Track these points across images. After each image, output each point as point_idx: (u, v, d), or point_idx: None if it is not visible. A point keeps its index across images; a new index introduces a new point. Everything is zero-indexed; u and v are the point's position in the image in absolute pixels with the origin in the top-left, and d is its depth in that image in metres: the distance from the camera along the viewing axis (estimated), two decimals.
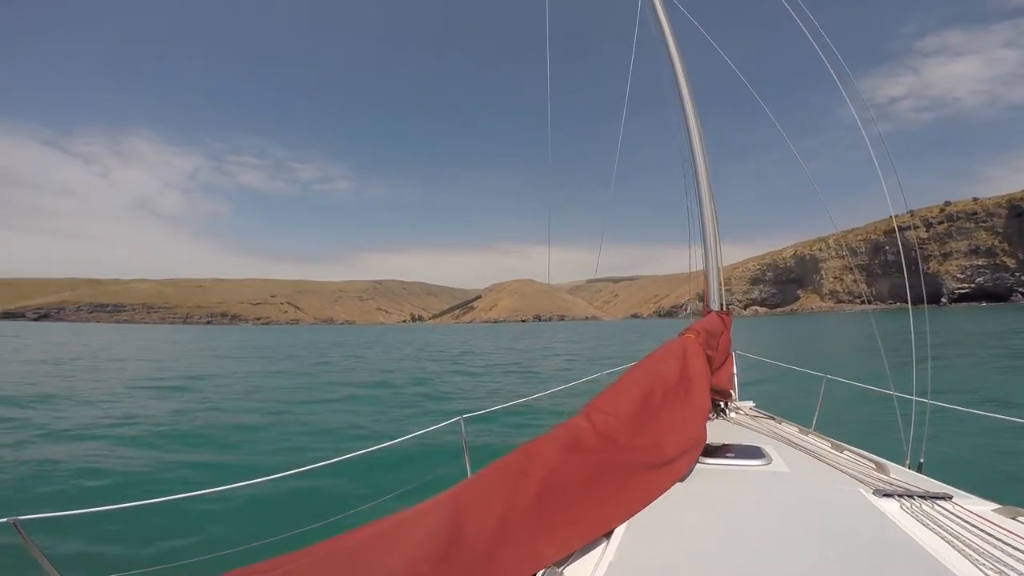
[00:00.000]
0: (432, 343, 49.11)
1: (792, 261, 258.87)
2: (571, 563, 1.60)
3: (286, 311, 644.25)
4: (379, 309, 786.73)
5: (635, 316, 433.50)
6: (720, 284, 4.38)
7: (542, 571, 1.52)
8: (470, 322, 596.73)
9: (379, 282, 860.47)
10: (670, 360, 2.92)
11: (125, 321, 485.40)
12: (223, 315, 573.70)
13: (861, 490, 2.02)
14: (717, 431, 3.06)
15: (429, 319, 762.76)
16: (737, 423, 3.39)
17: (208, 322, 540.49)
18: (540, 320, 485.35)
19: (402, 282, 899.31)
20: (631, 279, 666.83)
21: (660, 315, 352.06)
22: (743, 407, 3.82)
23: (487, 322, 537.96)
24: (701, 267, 4.64)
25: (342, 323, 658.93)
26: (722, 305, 4.39)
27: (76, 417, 11.23)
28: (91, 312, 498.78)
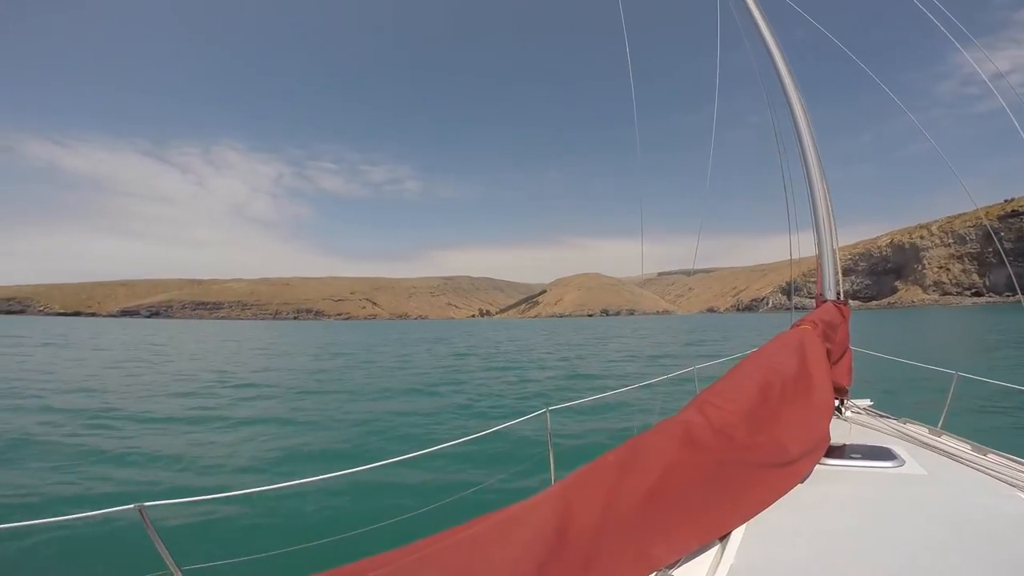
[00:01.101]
0: (516, 338, 49.91)
1: (889, 250, 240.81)
2: (683, 565, 1.55)
3: (364, 307, 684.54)
4: (449, 304, 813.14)
5: (711, 311, 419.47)
6: (837, 270, 4.15)
7: (653, 574, 1.48)
8: (535, 316, 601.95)
9: (449, 278, 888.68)
10: (786, 353, 2.80)
11: (222, 317, 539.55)
12: (308, 311, 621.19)
13: (1022, 495, 1.86)
14: (835, 431, 2.82)
15: (496, 314, 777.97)
16: (857, 423, 3.23)
17: (295, 317, 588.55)
18: (608, 314, 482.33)
19: (470, 278, 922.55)
20: (706, 271, 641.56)
21: (739, 309, 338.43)
22: (860, 405, 3.68)
23: (552, 316, 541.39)
24: (791, 256, 4.56)
25: (416, 318, 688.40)
26: (839, 294, 4.16)
27: (218, 407, 12.09)
28: (194, 310, 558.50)
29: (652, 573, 1.47)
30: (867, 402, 3.76)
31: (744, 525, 1.70)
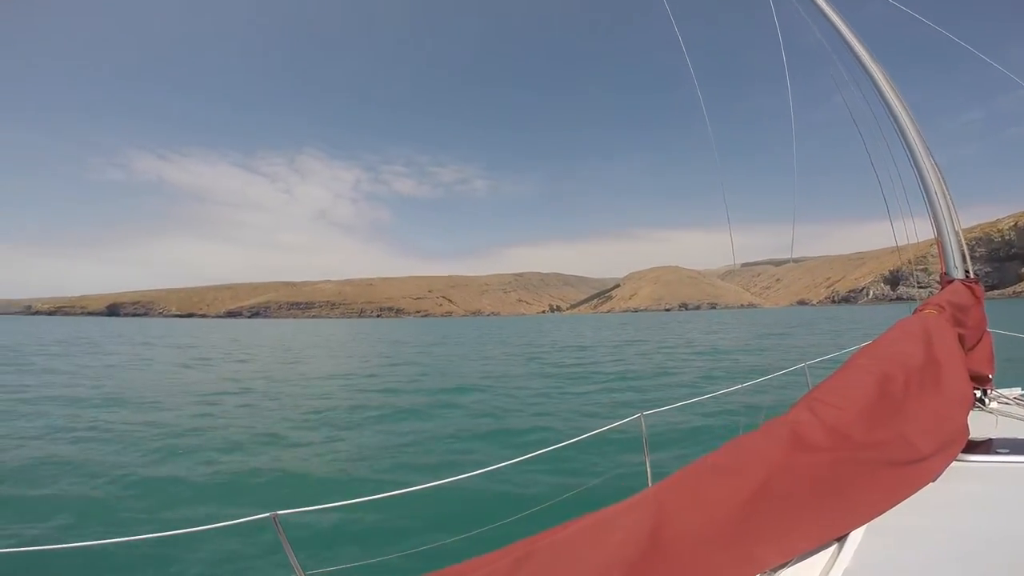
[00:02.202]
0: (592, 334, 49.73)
1: (1013, 233, 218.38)
2: (792, 567, 1.50)
3: (441, 304, 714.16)
4: (520, 301, 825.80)
5: (802, 303, 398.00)
6: (962, 246, 3.82)
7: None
8: (608, 312, 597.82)
9: (519, 275, 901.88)
10: (909, 341, 2.59)
11: (314, 316, 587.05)
12: (390, 309, 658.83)
13: None
14: (977, 424, 2.63)
15: (567, 309, 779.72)
16: (1005, 414, 2.91)
17: (378, 315, 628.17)
18: (686, 308, 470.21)
19: (540, 274, 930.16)
20: (796, 261, 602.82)
21: (834, 301, 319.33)
22: (1007, 395, 3.28)
23: (626, 311, 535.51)
24: (897, 242, 4.30)
25: (488, 314, 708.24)
26: (968, 272, 3.80)
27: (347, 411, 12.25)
28: (289, 310, 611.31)
29: (757, 575, 1.43)
30: (1017, 391, 3.41)
31: (864, 527, 1.62)
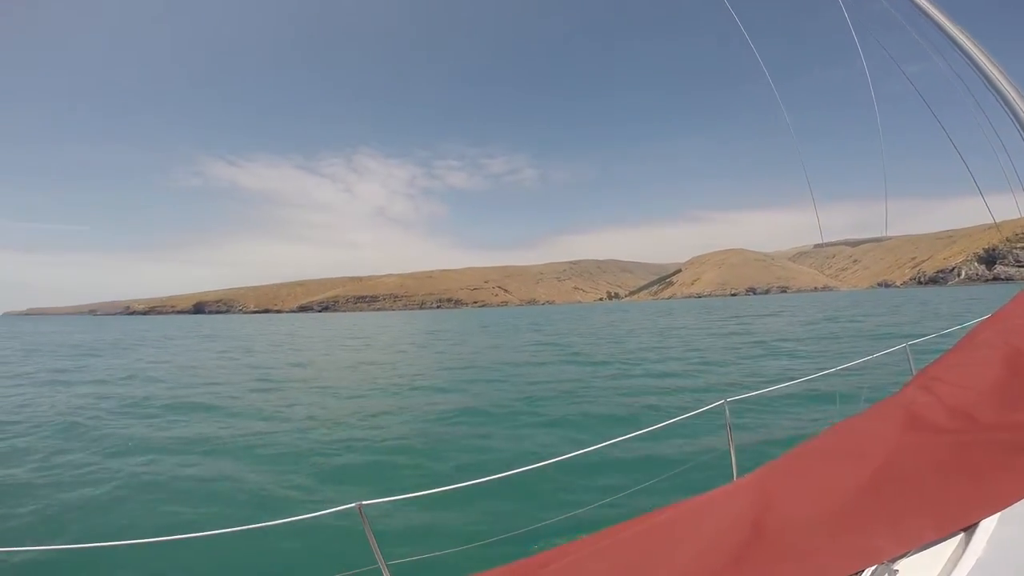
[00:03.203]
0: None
1: None
2: (912, 557, 1.40)
3: (497, 294, 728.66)
4: (576, 288, 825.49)
5: (884, 284, 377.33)
6: None
7: (872, 568, 1.35)
8: (669, 298, 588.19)
9: (575, 262, 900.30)
10: None
11: (379, 309, 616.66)
12: (448, 300, 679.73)
13: None
14: None
15: (625, 296, 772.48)
16: None
17: (437, 306, 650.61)
18: (754, 293, 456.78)
19: (596, 261, 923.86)
20: (876, 240, 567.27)
21: (920, 282, 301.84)
22: None
23: (689, 297, 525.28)
24: (986, 219, 3.89)
25: (544, 303, 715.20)
26: None
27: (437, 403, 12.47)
28: (355, 303, 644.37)
29: (872, 567, 1.35)
30: None
31: (997, 516, 1.46)
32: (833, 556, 1.34)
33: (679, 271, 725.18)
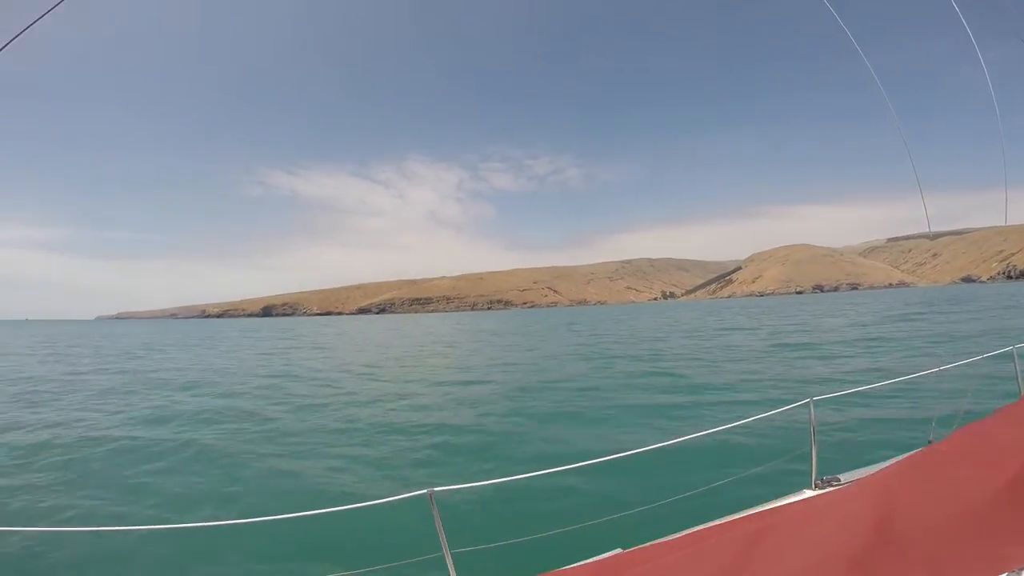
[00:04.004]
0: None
1: None
2: None
3: (546, 295, 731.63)
4: (629, 288, 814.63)
5: (968, 280, 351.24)
6: None
7: (1004, 574, 1.30)
8: (728, 296, 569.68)
9: (627, 262, 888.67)
10: None
11: (432, 311, 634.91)
12: (499, 302, 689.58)
13: None
14: None
15: (681, 296, 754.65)
16: None
17: (488, 308, 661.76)
18: (821, 291, 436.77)
19: (649, 260, 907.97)
20: (957, 233, 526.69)
21: (1010, 277, 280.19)
22: None
23: (750, 295, 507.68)
24: None
25: (595, 303, 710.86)
26: None
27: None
28: (411, 305, 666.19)
29: (1003, 574, 1.29)
30: None
31: None
32: (964, 563, 1.29)
33: (739, 268, 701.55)
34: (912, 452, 1.53)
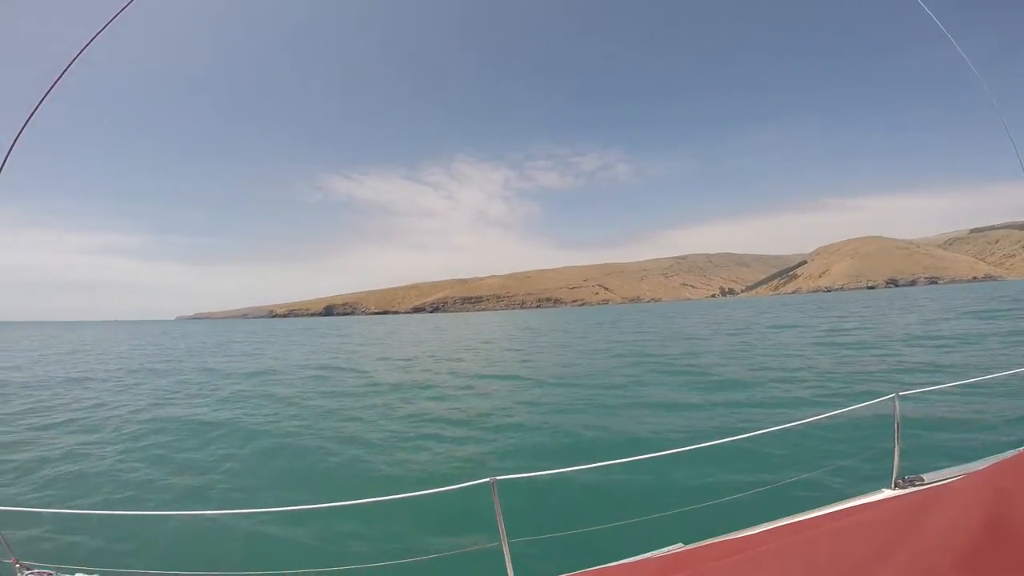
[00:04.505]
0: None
1: None
2: None
3: (597, 292, 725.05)
4: (684, 284, 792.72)
5: None
6: None
7: None
8: (793, 292, 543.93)
9: (682, 257, 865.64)
10: None
11: (483, 309, 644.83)
12: (547, 299, 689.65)
13: None
14: None
15: (741, 292, 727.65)
16: None
17: (537, 306, 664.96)
18: (896, 284, 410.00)
19: (707, 255, 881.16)
20: None
21: None
22: None
23: (816, 291, 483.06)
24: None
25: (648, 301, 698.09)
26: None
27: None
28: (462, 304, 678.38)
29: None
30: None
31: None
32: None
33: (803, 263, 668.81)
34: (1022, 449, 1.39)
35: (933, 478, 2.52)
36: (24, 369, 23.20)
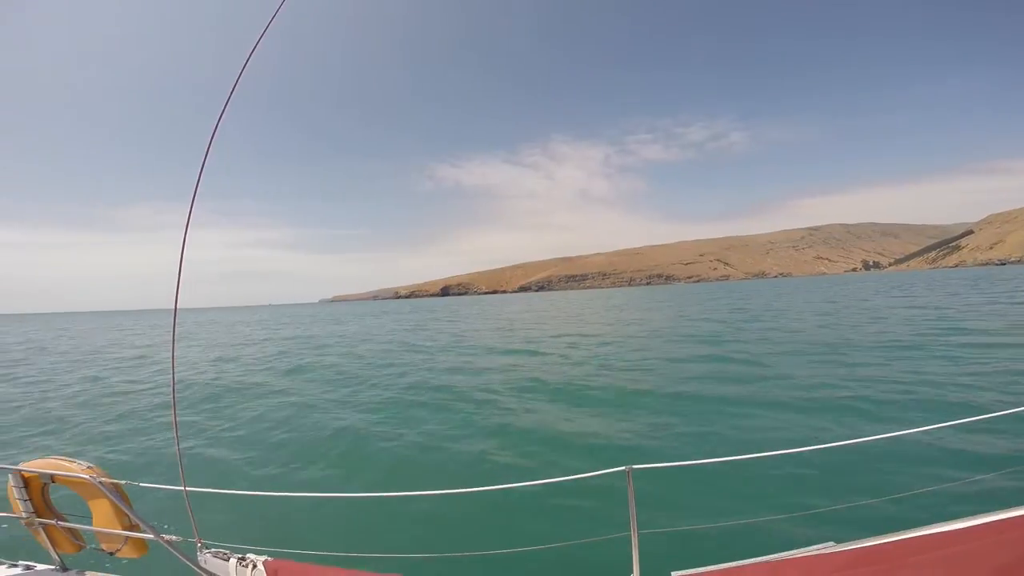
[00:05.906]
0: None
1: None
2: None
3: (715, 268, 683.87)
4: (819, 258, 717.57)
5: None
6: None
7: None
8: (955, 266, 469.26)
9: (815, 228, 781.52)
10: None
11: (588, 287, 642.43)
12: (659, 276, 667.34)
13: None
14: None
15: (889, 265, 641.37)
16: None
17: (647, 283, 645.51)
18: None
19: (845, 225, 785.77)
20: None
21: None
22: None
23: (986, 264, 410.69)
24: None
25: (775, 276, 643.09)
26: None
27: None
28: (567, 282, 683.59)
29: None
30: None
31: None
32: None
33: (969, 233, 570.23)
34: None
35: None
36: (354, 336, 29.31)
